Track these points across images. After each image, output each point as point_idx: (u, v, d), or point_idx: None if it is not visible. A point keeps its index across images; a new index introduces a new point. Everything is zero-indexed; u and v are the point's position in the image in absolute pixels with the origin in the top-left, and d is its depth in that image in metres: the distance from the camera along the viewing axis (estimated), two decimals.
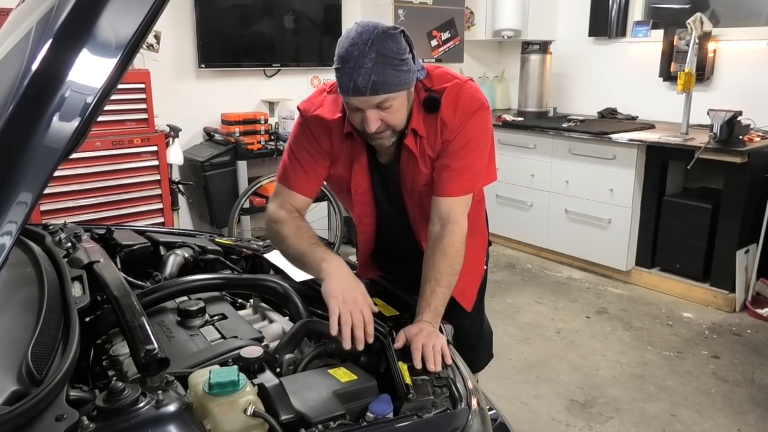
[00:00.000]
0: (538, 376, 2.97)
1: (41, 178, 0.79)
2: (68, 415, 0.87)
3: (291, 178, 1.59)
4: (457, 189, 1.52)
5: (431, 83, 1.54)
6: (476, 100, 1.52)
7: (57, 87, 0.77)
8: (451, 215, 1.51)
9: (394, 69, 1.37)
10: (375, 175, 1.65)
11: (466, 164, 1.53)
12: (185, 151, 3.81)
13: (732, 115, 3.50)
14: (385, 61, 1.35)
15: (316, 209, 4.35)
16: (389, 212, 1.72)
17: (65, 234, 1.67)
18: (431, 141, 1.54)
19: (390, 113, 1.43)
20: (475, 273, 1.83)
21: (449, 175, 1.52)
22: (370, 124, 1.42)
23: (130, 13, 0.79)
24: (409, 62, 1.42)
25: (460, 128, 1.51)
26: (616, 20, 4.58)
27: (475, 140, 1.53)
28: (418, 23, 4.38)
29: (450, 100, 1.51)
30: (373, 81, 1.35)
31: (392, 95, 1.40)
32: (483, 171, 1.59)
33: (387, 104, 1.41)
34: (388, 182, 1.66)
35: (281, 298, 1.52)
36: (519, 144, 4.55)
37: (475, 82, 1.61)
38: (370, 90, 1.36)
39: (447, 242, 1.48)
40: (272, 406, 1.00)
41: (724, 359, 3.13)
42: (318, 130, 1.57)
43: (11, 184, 0.79)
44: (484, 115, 1.53)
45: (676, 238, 3.87)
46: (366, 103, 1.39)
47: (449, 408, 1.08)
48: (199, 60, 3.88)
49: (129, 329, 1.09)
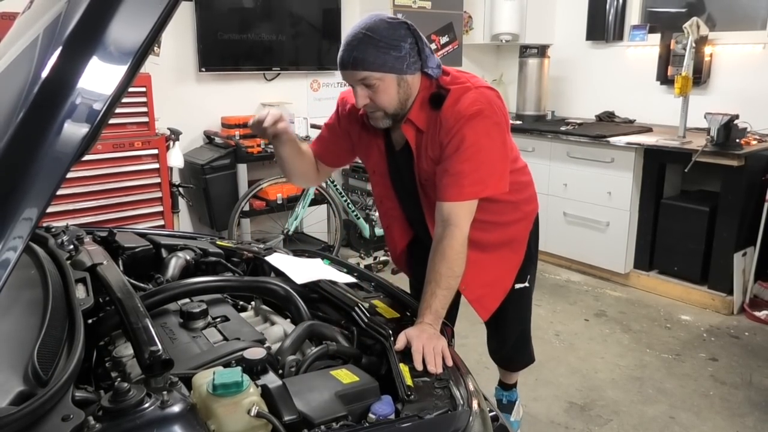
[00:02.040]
0: (537, 378, 2.98)
1: (50, 187, 0.79)
2: (74, 415, 0.88)
3: (319, 146, 1.87)
4: (455, 194, 1.53)
5: (446, 83, 1.58)
6: (476, 104, 1.52)
7: (67, 94, 0.77)
8: (451, 218, 1.52)
9: (377, 50, 1.46)
10: (392, 160, 1.72)
11: (464, 169, 1.53)
12: (185, 154, 3.82)
13: (729, 118, 3.52)
14: (370, 41, 1.46)
15: (315, 212, 4.37)
16: (408, 200, 1.77)
17: (68, 236, 1.68)
18: (432, 139, 1.57)
19: (376, 93, 1.51)
20: (500, 287, 1.85)
21: (447, 180, 1.54)
22: (357, 99, 1.53)
23: (139, 20, 0.80)
24: (402, 49, 1.49)
25: (455, 131, 1.52)
26: (614, 24, 4.61)
27: (474, 146, 1.52)
28: (417, 27, 4.39)
29: (452, 102, 1.53)
30: (354, 56, 1.47)
31: (374, 74, 1.48)
32: (489, 179, 1.57)
33: (371, 83, 1.50)
34: (402, 169, 1.71)
35: (283, 300, 1.53)
36: (517, 147, 4.55)
37: (496, 91, 1.61)
38: (352, 64, 1.49)
39: (446, 244, 1.49)
40: (275, 407, 1.01)
41: (722, 362, 3.15)
42: (344, 112, 1.78)
43: (20, 194, 0.79)
44: (484, 121, 1.52)
45: (674, 240, 3.88)
46: (350, 77, 1.52)
47: (450, 409, 1.09)
48: (200, 64, 3.90)
49: (133, 331, 1.10)
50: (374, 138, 1.72)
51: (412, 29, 1.53)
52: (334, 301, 1.51)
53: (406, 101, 1.56)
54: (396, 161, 1.72)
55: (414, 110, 1.57)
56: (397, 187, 1.78)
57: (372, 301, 1.50)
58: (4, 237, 0.79)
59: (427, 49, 1.57)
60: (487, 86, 1.60)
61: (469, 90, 1.54)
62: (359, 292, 1.58)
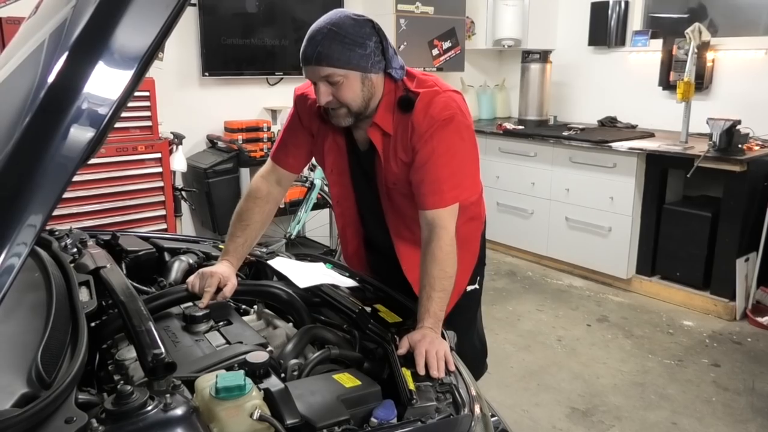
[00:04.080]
0: (539, 383, 2.97)
1: (55, 192, 0.79)
2: (77, 417, 0.88)
3: (275, 152, 1.74)
4: (437, 201, 1.51)
5: (412, 85, 1.56)
6: (448, 109, 1.51)
7: (73, 99, 0.77)
8: (437, 221, 1.50)
9: (342, 46, 1.43)
10: (354, 160, 1.68)
11: (442, 175, 1.51)
12: (188, 158, 3.84)
13: (731, 123, 3.52)
14: (335, 37, 1.43)
15: (318, 216, 4.37)
16: (369, 201, 1.73)
17: (71, 239, 1.69)
18: (403, 143, 1.55)
19: (339, 90, 1.47)
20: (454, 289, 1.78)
21: (426, 189, 1.52)
22: (320, 96, 1.49)
23: (145, 25, 0.80)
24: (367, 48, 1.46)
25: (429, 136, 1.50)
26: (616, 30, 4.61)
27: (449, 151, 1.51)
28: (419, 32, 4.41)
29: (422, 106, 1.51)
30: (318, 52, 1.44)
31: (338, 71, 1.45)
32: (465, 182, 1.58)
33: (335, 80, 1.46)
34: (366, 170, 1.68)
35: (285, 304, 1.54)
36: (519, 152, 4.57)
37: (461, 94, 1.60)
38: (315, 59, 1.44)
39: (435, 246, 1.48)
40: (278, 410, 1.02)
41: (724, 368, 3.14)
42: (303, 109, 1.68)
43: (25, 199, 0.79)
44: (457, 126, 1.52)
45: (676, 246, 3.88)
46: (313, 73, 1.47)
47: (452, 414, 1.09)
48: (203, 68, 3.91)
49: (136, 334, 1.11)
50: (334, 136, 1.67)
51: (377, 28, 1.50)
52: (336, 305, 1.51)
53: (369, 100, 1.53)
54: (359, 162, 1.68)
55: (380, 113, 1.55)
56: (358, 189, 1.74)
57: (374, 305, 1.51)
58: (8, 243, 0.79)
59: (391, 49, 1.54)
60: (454, 89, 1.59)
61: (438, 94, 1.53)
62: (361, 296, 1.58)
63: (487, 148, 4.69)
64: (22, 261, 0.80)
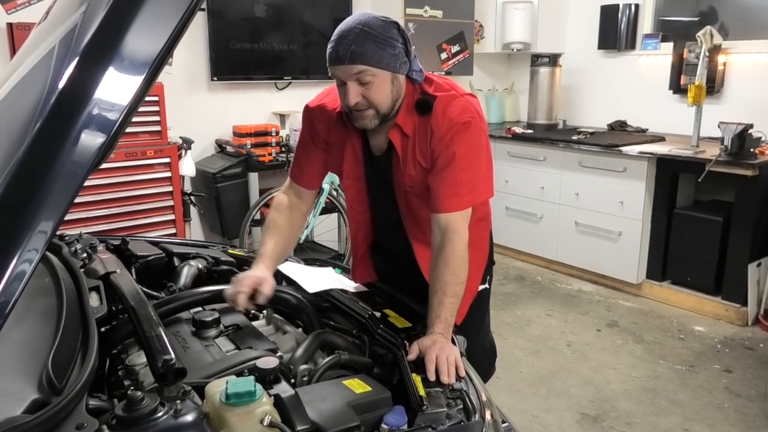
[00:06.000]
0: (549, 389, 2.95)
1: (66, 198, 0.79)
2: (88, 423, 0.88)
3: (293, 170, 1.78)
4: (454, 204, 1.51)
5: (430, 89, 1.56)
6: (467, 113, 1.51)
7: (84, 104, 0.77)
8: (450, 225, 1.50)
9: (375, 44, 1.43)
10: (369, 165, 1.68)
11: (461, 179, 1.52)
12: (197, 162, 3.85)
13: (743, 127, 3.49)
14: (368, 36, 1.42)
15: (326, 221, 4.37)
16: (383, 206, 1.73)
17: (81, 244, 1.70)
18: (421, 145, 1.55)
19: (370, 89, 1.46)
20: (468, 290, 1.80)
21: (445, 191, 1.52)
22: (350, 95, 1.46)
23: (155, 30, 0.80)
24: (396, 48, 1.46)
25: (449, 140, 1.50)
26: (626, 33, 4.59)
27: (469, 155, 1.52)
28: (428, 36, 4.41)
29: (441, 109, 1.52)
30: (352, 50, 1.42)
31: (371, 69, 1.44)
32: (481, 186, 1.58)
33: (366, 78, 1.45)
34: (381, 175, 1.67)
35: (295, 309, 1.53)
36: (529, 156, 4.56)
37: (477, 98, 1.61)
38: (349, 58, 1.42)
39: (448, 251, 1.47)
40: (288, 416, 1.01)
41: (736, 373, 3.11)
42: (318, 119, 1.68)
43: (36, 206, 0.79)
44: (475, 130, 1.52)
45: (687, 251, 3.85)
46: (345, 72, 1.45)
47: (463, 420, 1.08)
48: (212, 73, 3.93)
49: (146, 339, 1.11)
50: (350, 141, 1.66)
51: (401, 30, 1.50)
52: (346, 310, 1.51)
53: (396, 101, 1.53)
54: (375, 167, 1.68)
55: (401, 115, 1.55)
56: (373, 193, 1.74)
57: (383, 310, 1.50)
58: (19, 249, 0.79)
59: (412, 52, 1.55)
60: (470, 93, 1.60)
61: (456, 98, 1.54)
62: (371, 301, 1.57)
63: (496, 152, 4.68)
64: (33, 267, 0.80)
